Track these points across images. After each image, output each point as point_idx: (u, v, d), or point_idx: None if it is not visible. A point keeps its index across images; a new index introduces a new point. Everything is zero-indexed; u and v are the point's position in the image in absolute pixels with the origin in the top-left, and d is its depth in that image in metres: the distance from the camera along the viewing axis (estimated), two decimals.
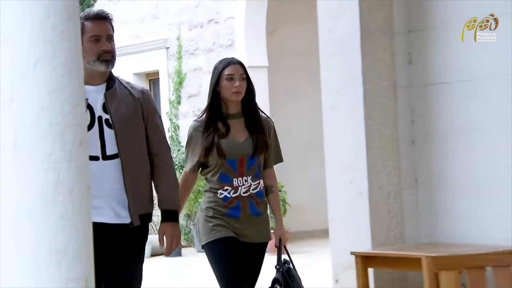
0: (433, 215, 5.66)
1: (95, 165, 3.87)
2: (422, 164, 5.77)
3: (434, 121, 5.68)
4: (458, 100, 5.46)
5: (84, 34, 3.96)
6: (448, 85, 5.57)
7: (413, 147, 5.80)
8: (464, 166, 5.42)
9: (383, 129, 5.67)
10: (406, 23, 5.78)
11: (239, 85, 4.69)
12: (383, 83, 5.73)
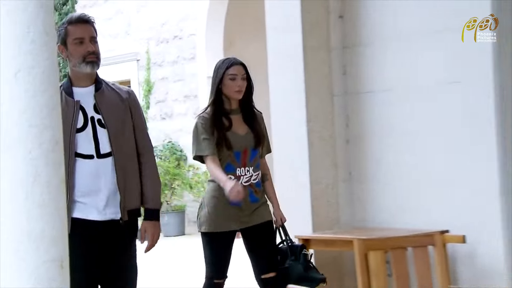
0: (365, 204, 5.67)
1: (89, 163, 3.73)
2: (355, 160, 5.77)
3: (365, 124, 5.69)
4: (384, 106, 5.48)
5: (68, 37, 3.82)
6: (376, 93, 5.59)
7: (348, 146, 5.81)
8: (390, 163, 5.45)
9: (323, 130, 5.68)
10: (341, 40, 5.79)
11: (241, 85, 4.53)
12: (322, 91, 5.74)
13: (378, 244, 3.88)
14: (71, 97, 3.78)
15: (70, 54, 3.81)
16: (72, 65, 3.82)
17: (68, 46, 3.81)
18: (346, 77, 5.80)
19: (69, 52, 3.82)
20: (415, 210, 5.14)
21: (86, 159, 3.71)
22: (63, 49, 3.84)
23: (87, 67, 3.77)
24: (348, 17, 5.77)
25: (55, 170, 1.81)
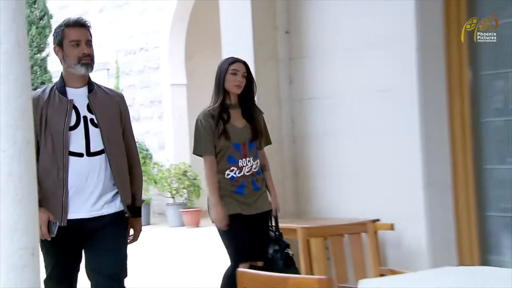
0: (308, 197, 5.71)
1: (79, 161, 3.52)
2: (301, 158, 5.81)
3: (309, 126, 5.73)
4: (326, 111, 5.54)
5: (64, 39, 3.58)
6: (318, 100, 5.63)
7: (294, 145, 5.84)
8: (331, 160, 5.48)
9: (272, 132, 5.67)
10: (288, 52, 5.83)
11: (241, 80, 4.45)
12: (271, 98, 5.75)
13: (318, 232, 3.92)
14: (64, 96, 3.59)
15: (65, 55, 3.60)
16: (66, 66, 3.61)
17: (64, 48, 3.60)
18: (292, 85, 5.84)
19: (64, 53, 3.61)
20: (351, 202, 5.20)
21: (76, 157, 3.52)
22: (58, 50, 3.64)
23: (81, 69, 3.56)
24: (294, 32, 5.81)
25: (26, 168, 1.79)
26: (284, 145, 5.81)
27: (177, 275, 8.08)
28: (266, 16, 5.77)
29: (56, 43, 3.64)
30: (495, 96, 5.10)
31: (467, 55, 5.02)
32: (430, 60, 5.05)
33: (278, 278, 2.43)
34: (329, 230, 3.98)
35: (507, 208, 5.00)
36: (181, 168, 12.94)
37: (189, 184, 12.81)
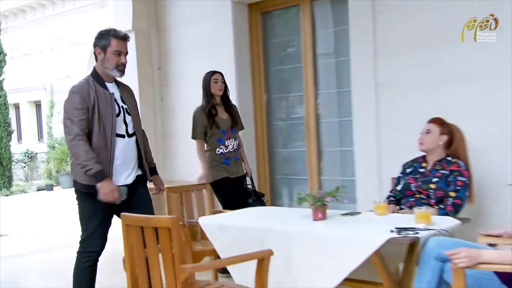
0: (175, 171, 5.71)
1: (122, 141, 3.09)
2: (169, 148, 5.79)
3: (172, 126, 5.75)
4: (183, 117, 5.49)
5: (109, 47, 3.04)
6: (178, 110, 5.67)
7: (163, 139, 5.83)
8: (189, 148, 5.13)
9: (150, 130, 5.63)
10: (160, 81, 5.84)
11: (221, 86, 4.16)
12: (150, 109, 5.76)
13: (176, 189, 3.91)
14: (106, 89, 3.09)
15: (106, 59, 3.05)
16: (104, 67, 3.07)
17: (107, 53, 3.04)
18: (163, 102, 5.84)
19: (106, 57, 3.05)
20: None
21: (120, 138, 3.08)
22: (100, 51, 3.08)
23: (117, 73, 3.09)
24: (163, 68, 5.82)
25: None
26: (158, 139, 5.80)
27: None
28: (146, 57, 5.75)
29: (100, 45, 3.08)
30: (280, 109, 5.30)
31: (264, 84, 5.23)
32: (244, 88, 5.17)
33: (146, 218, 2.28)
34: (183, 188, 3.98)
35: (286, 173, 5.25)
36: None
37: None
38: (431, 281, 2.20)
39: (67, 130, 2.98)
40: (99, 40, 3.10)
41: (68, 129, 2.97)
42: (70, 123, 2.96)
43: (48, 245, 6.00)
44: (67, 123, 2.98)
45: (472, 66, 3.71)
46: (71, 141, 2.97)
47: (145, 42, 5.71)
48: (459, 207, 3.06)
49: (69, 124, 2.96)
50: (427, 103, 3.88)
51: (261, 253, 2.34)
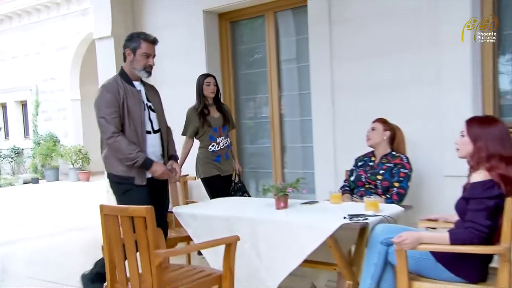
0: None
1: (150, 136, 2.94)
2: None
3: None
4: None
5: (139, 49, 2.89)
6: None
7: None
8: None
9: None
10: None
11: (213, 88, 4.01)
12: None
13: None
14: (133, 87, 2.94)
15: (135, 60, 2.89)
16: (132, 67, 2.90)
17: (136, 55, 2.89)
18: None
19: (135, 58, 2.90)
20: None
21: (148, 134, 2.93)
22: (130, 53, 2.91)
23: (144, 74, 2.93)
24: None
25: None
26: None
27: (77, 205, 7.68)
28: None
29: (130, 47, 2.92)
30: (248, 109, 5.30)
31: (233, 86, 5.21)
32: None
33: (122, 208, 2.22)
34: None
35: (253, 167, 5.25)
36: (77, 147, 12.50)
37: (82, 156, 12.43)
38: (378, 263, 2.24)
39: (102, 129, 2.83)
40: (130, 42, 2.94)
41: (103, 128, 2.82)
42: (105, 122, 2.80)
43: (33, 234, 5.85)
44: (101, 122, 2.82)
45: (414, 72, 3.79)
46: (109, 139, 2.79)
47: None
48: (403, 196, 3.13)
49: (104, 123, 2.81)
50: (376, 105, 3.94)
51: (229, 239, 2.34)
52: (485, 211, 1.96)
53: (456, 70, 3.57)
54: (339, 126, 4.22)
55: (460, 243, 1.97)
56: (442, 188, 3.60)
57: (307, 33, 4.42)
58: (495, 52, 3.56)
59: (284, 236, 2.51)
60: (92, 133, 11.98)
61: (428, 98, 3.73)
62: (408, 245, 2.04)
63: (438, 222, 2.50)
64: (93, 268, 3.17)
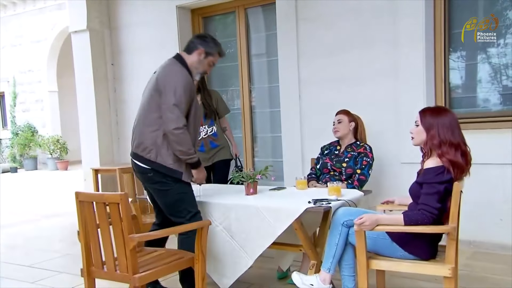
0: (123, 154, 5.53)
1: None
2: (122, 137, 5.55)
3: (123, 114, 5.53)
4: (130, 107, 5.35)
5: (211, 56, 2.57)
6: (129, 103, 5.45)
7: (117, 126, 5.60)
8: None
9: (105, 120, 5.40)
10: (113, 75, 5.60)
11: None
12: (104, 100, 5.53)
13: (128, 170, 3.70)
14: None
15: (201, 63, 2.56)
16: (195, 66, 2.54)
17: (205, 59, 2.56)
18: (116, 93, 5.63)
19: (202, 61, 2.56)
20: None
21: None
22: (202, 53, 2.56)
23: (198, 77, 2.59)
24: (116, 64, 5.59)
25: None
26: (112, 126, 5.61)
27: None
28: (100, 54, 5.50)
29: (206, 50, 2.56)
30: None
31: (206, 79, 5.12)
32: None
33: (98, 194, 2.22)
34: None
35: None
36: (55, 138, 12.19)
37: (60, 146, 12.13)
38: (339, 244, 2.28)
39: (173, 117, 2.39)
40: (207, 44, 2.60)
41: (175, 116, 2.39)
42: (178, 111, 2.40)
43: (11, 221, 5.69)
44: (176, 111, 2.39)
45: (374, 67, 3.85)
46: (178, 129, 2.39)
47: (99, 40, 5.45)
48: (363, 182, 3.18)
49: (178, 113, 2.40)
50: (339, 97, 3.98)
51: (201, 223, 2.33)
52: (436, 194, 2.01)
53: (412, 66, 3.64)
54: (306, 117, 4.25)
55: (413, 224, 2.02)
56: (399, 174, 3.69)
57: (276, 29, 4.41)
58: (447, 49, 3.66)
59: (253, 219, 2.53)
60: (69, 124, 11.73)
61: (386, 91, 3.80)
62: (367, 226, 2.08)
63: (394, 205, 2.55)
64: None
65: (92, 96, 5.44)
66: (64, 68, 12.04)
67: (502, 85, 3.53)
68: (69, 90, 10.52)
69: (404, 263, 2.12)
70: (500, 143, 3.31)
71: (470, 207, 3.32)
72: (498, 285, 2.68)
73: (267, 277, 3.07)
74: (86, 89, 5.51)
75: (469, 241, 3.42)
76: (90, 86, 5.44)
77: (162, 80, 2.44)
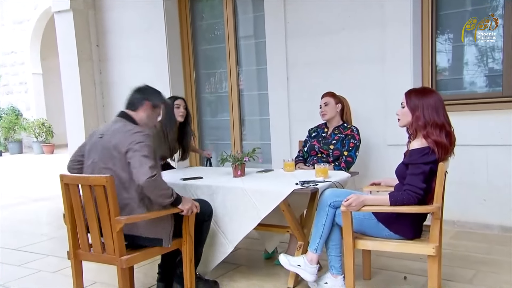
0: None
1: None
2: (109, 120, 5.51)
3: (110, 95, 5.44)
4: (120, 88, 5.28)
5: (156, 108, 2.39)
6: (117, 84, 5.37)
7: (103, 109, 5.52)
8: None
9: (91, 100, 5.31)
10: (98, 56, 5.50)
11: (183, 112, 3.34)
12: (89, 81, 5.42)
13: None
14: None
15: (150, 117, 2.39)
16: (144, 123, 2.37)
17: (154, 113, 2.41)
18: (102, 75, 5.52)
19: (151, 116, 2.39)
20: None
21: None
22: (149, 107, 2.39)
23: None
24: (100, 46, 5.47)
25: None
26: (98, 109, 5.52)
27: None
28: (84, 35, 5.37)
29: (152, 104, 2.39)
30: (207, 84, 5.21)
31: (193, 61, 5.11)
32: (175, 65, 5.00)
33: (83, 177, 2.12)
34: None
35: (213, 139, 5.21)
36: (40, 121, 11.97)
37: (45, 130, 11.93)
38: (326, 225, 2.29)
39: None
40: (153, 97, 2.43)
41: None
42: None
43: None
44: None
45: (362, 49, 3.84)
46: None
47: (83, 21, 5.32)
48: (350, 163, 3.20)
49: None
50: (326, 79, 3.97)
51: None
52: (421, 175, 2.03)
53: (399, 48, 3.64)
54: (293, 100, 4.24)
55: (398, 204, 2.04)
56: (386, 156, 3.72)
57: (263, 10, 4.35)
58: (434, 32, 3.65)
59: (240, 201, 2.52)
60: (55, 107, 11.53)
61: (373, 73, 3.80)
62: (353, 207, 2.10)
63: (381, 186, 2.57)
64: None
65: (77, 78, 5.33)
66: (48, 49, 11.78)
67: (488, 68, 3.54)
68: (53, 72, 10.32)
69: (389, 242, 2.15)
70: (485, 125, 3.34)
71: (455, 187, 3.39)
72: (481, 263, 2.75)
73: (255, 259, 3.09)
74: (70, 71, 5.39)
75: (453, 221, 3.48)
76: (75, 68, 5.32)
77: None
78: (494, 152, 3.31)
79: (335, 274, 2.37)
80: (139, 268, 2.95)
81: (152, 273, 2.88)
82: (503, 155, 3.28)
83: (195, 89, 5.14)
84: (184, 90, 5.10)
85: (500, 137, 3.27)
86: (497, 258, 2.82)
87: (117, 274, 2.09)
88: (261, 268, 2.87)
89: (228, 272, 2.80)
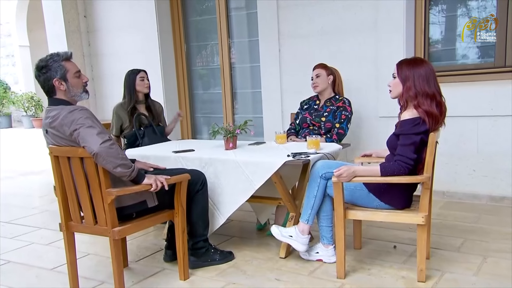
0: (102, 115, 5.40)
1: None
2: (99, 93, 5.42)
3: (99, 67, 5.35)
4: (112, 60, 5.21)
5: (68, 72, 2.12)
6: (106, 56, 5.27)
7: (93, 82, 5.44)
8: (108, 94, 5.03)
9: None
10: (86, 27, 5.38)
11: (147, 84, 3.39)
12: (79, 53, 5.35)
13: (104, 126, 3.66)
14: None
15: (72, 85, 2.15)
16: (72, 95, 2.17)
17: (70, 79, 2.14)
18: (90, 46, 5.42)
19: (71, 84, 2.15)
20: None
21: None
22: (60, 82, 2.13)
23: (86, 95, 2.24)
24: (89, 16, 5.34)
25: None
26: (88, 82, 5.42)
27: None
28: (71, 5, 5.24)
29: (58, 77, 2.12)
30: (198, 56, 5.12)
31: (183, 34, 5.00)
32: (165, 37, 4.92)
33: (73, 149, 2.05)
34: (108, 125, 3.68)
35: (205, 112, 5.18)
36: (29, 95, 11.74)
37: (35, 103, 11.70)
38: (317, 195, 2.31)
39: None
40: (52, 69, 2.13)
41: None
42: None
43: None
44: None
45: (354, 19, 3.79)
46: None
47: None
48: (342, 135, 3.19)
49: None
50: (318, 51, 3.93)
51: (179, 177, 2.31)
52: (412, 145, 2.04)
53: (392, 19, 3.59)
54: (285, 72, 4.19)
55: (389, 175, 2.05)
56: (377, 128, 3.72)
57: None
58: (427, 3, 3.60)
59: (232, 173, 2.52)
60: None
61: (365, 44, 3.76)
62: (344, 178, 2.10)
63: (372, 157, 2.58)
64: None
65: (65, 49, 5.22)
66: (34, 21, 11.45)
67: (480, 39, 3.54)
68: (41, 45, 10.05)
69: (380, 212, 2.17)
70: (476, 96, 3.34)
71: (445, 158, 3.42)
72: (469, 232, 2.80)
73: (247, 230, 3.12)
74: (58, 43, 5.26)
75: (442, 192, 3.53)
76: (63, 40, 5.20)
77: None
78: (485, 123, 3.33)
79: (326, 244, 2.41)
80: (132, 240, 2.97)
81: (145, 245, 2.91)
82: (494, 126, 3.30)
83: (186, 62, 5.06)
84: (175, 63, 5.02)
85: (491, 108, 3.28)
86: (485, 227, 2.87)
87: (110, 245, 2.09)
88: (253, 239, 2.90)
89: (221, 244, 2.82)
